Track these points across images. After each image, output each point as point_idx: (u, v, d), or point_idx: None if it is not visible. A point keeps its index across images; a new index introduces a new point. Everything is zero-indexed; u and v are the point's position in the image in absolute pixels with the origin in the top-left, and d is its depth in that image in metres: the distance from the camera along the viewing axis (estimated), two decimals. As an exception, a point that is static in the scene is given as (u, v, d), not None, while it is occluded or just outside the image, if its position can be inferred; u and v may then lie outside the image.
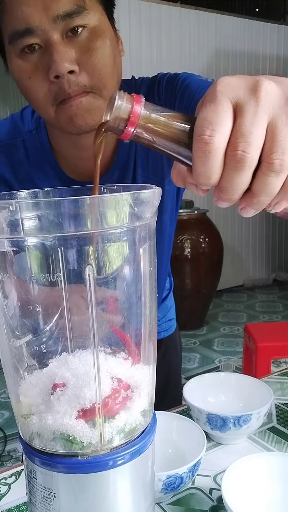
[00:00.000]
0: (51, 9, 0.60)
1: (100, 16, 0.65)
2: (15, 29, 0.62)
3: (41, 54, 0.63)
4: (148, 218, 0.41)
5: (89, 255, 0.38)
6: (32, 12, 0.60)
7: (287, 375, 0.98)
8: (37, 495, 0.42)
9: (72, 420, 0.39)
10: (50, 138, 0.80)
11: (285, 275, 4.83)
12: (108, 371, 0.42)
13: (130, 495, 0.43)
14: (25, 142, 0.80)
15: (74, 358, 0.43)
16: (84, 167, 0.78)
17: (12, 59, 0.65)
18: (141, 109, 0.39)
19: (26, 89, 0.66)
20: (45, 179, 0.80)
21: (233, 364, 3.00)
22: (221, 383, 0.82)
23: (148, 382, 0.44)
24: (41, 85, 0.64)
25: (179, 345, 1.15)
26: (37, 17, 0.60)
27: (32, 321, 0.41)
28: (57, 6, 0.60)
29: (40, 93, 0.65)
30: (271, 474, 0.59)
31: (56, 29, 0.61)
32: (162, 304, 1.05)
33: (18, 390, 0.42)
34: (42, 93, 0.65)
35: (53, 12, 0.60)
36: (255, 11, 5.65)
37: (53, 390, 0.41)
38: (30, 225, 0.36)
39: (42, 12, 0.60)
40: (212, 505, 0.61)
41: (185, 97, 0.74)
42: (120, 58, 0.70)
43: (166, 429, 0.69)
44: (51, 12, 0.60)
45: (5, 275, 0.40)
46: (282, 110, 0.36)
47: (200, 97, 0.69)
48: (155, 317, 0.46)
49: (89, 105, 0.65)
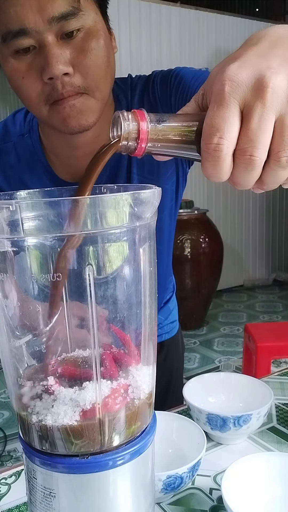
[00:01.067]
0: (46, 11, 0.60)
1: (94, 16, 0.65)
2: (9, 29, 0.61)
3: (35, 54, 0.63)
4: (148, 218, 0.41)
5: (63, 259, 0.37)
6: (26, 13, 0.60)
7: (287, 375, 0.98)
8: (37, 495, 0.42)
9: (72, 420, 0.39)
10: (43, 138, 0.80)
11: (285, 275, 4.83)
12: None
13: (130, 495, 0.43)
14: (16, 146, 0.80)
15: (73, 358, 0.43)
16: (77, 166, 0.78)
17: (5, 57, 0.65)
18: (148, 124, 0.39)
19: (18, 88, 0.66)
20: (37, 181, 0.80)
21: (233, 364, 3.00)
22: (221, 383, 0.82)
23: (148, 382, 0.44)
24: (34, 85, 0.64)
25: (182, 347, 1.15)
26: (31, 18, 0.60)
27: (32, 321, 0.41)
28: (52, 8, 0.60)
29: (33, 93, 0.65)
30: (271, 474, 0.59)
31: (50, 31, 0.61)
32: (164, 306, 1.04)
33: (18, 390, 0.42)
34: (35, 93, 0.65)
35: (48, 13, 0.60)
36: (255, 11, 5.65)
37: (53, 390, 0.41)
38: (30, 225, 0.36)
39: (36, 13, 0.59)
40: (212, 505, 0.61)
41: (180, 90, 0.74)
42: (113, 56, 0.70)
43: (166, 429, 0.69)
44: (46, 14, 0.60)
45: (5, 275, 0.40)
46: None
47: (195, 87, 0.69)
48: (155, 317, 0.46)
49: (82, 106, 0.65)
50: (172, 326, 1.07)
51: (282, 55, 0.38)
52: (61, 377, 0.42)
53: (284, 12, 5.60)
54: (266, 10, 5.72)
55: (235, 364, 2.99)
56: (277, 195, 4.70)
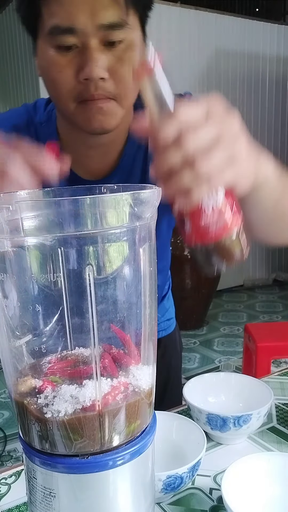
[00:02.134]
0: (98, 17, 0.63)
1: (137, 31, 0.69)
2: (58, 24, 0.64)
3: (76, 53, 0.66)
4: (148, 218, 0.41)
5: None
6: (79, 15, 0.63)
7: (287, 375, 0.98)
8: (37, 495, 0.42)
9: (72, 417, 0.39)
10: (60, 131, 0.81)
11: (285, 275, 4.83)
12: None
13: (130, 495, 0.43)
14: (37, 132, 0.82)
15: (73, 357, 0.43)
16: (89, 164, 0.79)
17: (46, 48, 0.67)
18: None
19: (53, 81, 0.69)
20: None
21: (233, 364, 3.00)
22: (221, 383, 0.82)
23: (148, 382, 0.44)
24: (68, 82, 0.67)
25: (179, 345, 1.15)
26: (82, 20, 0.63)
27: (32, 321, 0.41)
28: (104, 16, 0.63)
29: (65, 89, 0.68)
30: (271, 474, 0.59)
31: (96, 36, 0.64)
32: (160, 304, 1.05)
33: (18, 390, 0.42)
34: (67, 89, 0.68)
35: (99, 19, 0.63)
36: (255, 11, 5.66)
37: (53, 389, 0.41)
38: (30, 225, 0.36)
39: (88, 17, 0.63)
40: (212, 505, 0.61)
41: None
42: None
43: (166, 429, 0.69)
44: (97, 19, 0.63)
45: (5, 275, 0.40)
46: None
47: None
48: (155, 317, 0.46)
49: (108, 111, 0.68)
50: (168, 323, 1.08)
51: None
52: (61, 376, 0.42)
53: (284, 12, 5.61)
54: (266, 10, 5.73)
55: (235, 364, 2.99)
56: (277, 195, 4.70)
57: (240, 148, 0.50)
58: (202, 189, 0.47)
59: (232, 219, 0.49)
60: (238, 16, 4.17)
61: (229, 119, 0.49)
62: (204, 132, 0.47)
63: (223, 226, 0.49)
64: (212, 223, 0.48)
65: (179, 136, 0.46)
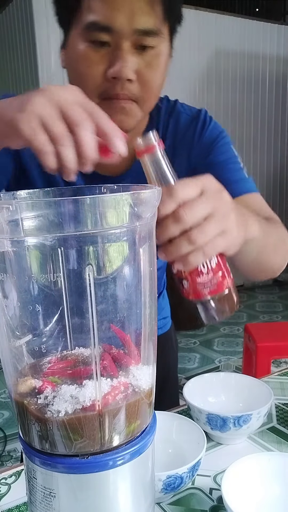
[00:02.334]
0: (135, 21, 0.65)
1: (167, 42, 0.73)
2: (96, 21, 0.66)
3: (108, 51, 0.67)
4: (148, 218, 0.41)
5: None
6: (118, 15, 0.65)
7: (287, 375, 0.98)
8: (37, 495, 0.42)
9: (72, 417, 0.39)
10: None
11: (285, 275, 4.83)
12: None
13: (130, 495, 0.43)
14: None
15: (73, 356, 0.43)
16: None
17: (78, 41, 0.69)
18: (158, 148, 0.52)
19: (80, 74, 0.70)
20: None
21: (233, 364, 3.00)
22: (221, 383, 0.82)
23: (148, 382, 0.44)
24: (96, 78, 0.68)
25: (175, 344, 1.16)
26: (120, 21, 0.65)
27: (32, 321, 0.41)
28: (141, 21, 0.66)
29: (91, 84, 0.69)
30: (271, 474, 0.59)
31: (130, 38, 0.67)
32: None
33: (18, 390, 0.42)
34: (93, 84, 0.69)
35: (136, 24, 0.65)
36: (255, 11, 5.66)
37: (53, 389, 0.41)
38: (30, 225, 0.36)
39: (127, 19, 0.65)
40: (212, 505, 0.61)
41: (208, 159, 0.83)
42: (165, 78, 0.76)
43: (166, 429, 0.69)
44: (134, 23, 0.65)
45: (5, 275, 0.40)
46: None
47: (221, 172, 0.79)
48: (155, 317, 0.46)
49: (129, 112, 0.71)
50: (164, 322, 1.08)
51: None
52: (60, 376, 0.42)
53: (284, 12, 5.61)
54: (266, 10, 5.73)
55: (235, 364, 2.99)
56: (277, 195, 4.70)
57: (231, 222, 0.54)
58: (198, 257, 0.52)
59: (224, 278, 0.56)
60: (238, 16, 4.16)
61: (221, 196, 0.54)
62: (200, 208, 0.50)
63: (217, 284, 0.55)
64: (207, 282, 0.55)
65: (178, 211, 0.50)
